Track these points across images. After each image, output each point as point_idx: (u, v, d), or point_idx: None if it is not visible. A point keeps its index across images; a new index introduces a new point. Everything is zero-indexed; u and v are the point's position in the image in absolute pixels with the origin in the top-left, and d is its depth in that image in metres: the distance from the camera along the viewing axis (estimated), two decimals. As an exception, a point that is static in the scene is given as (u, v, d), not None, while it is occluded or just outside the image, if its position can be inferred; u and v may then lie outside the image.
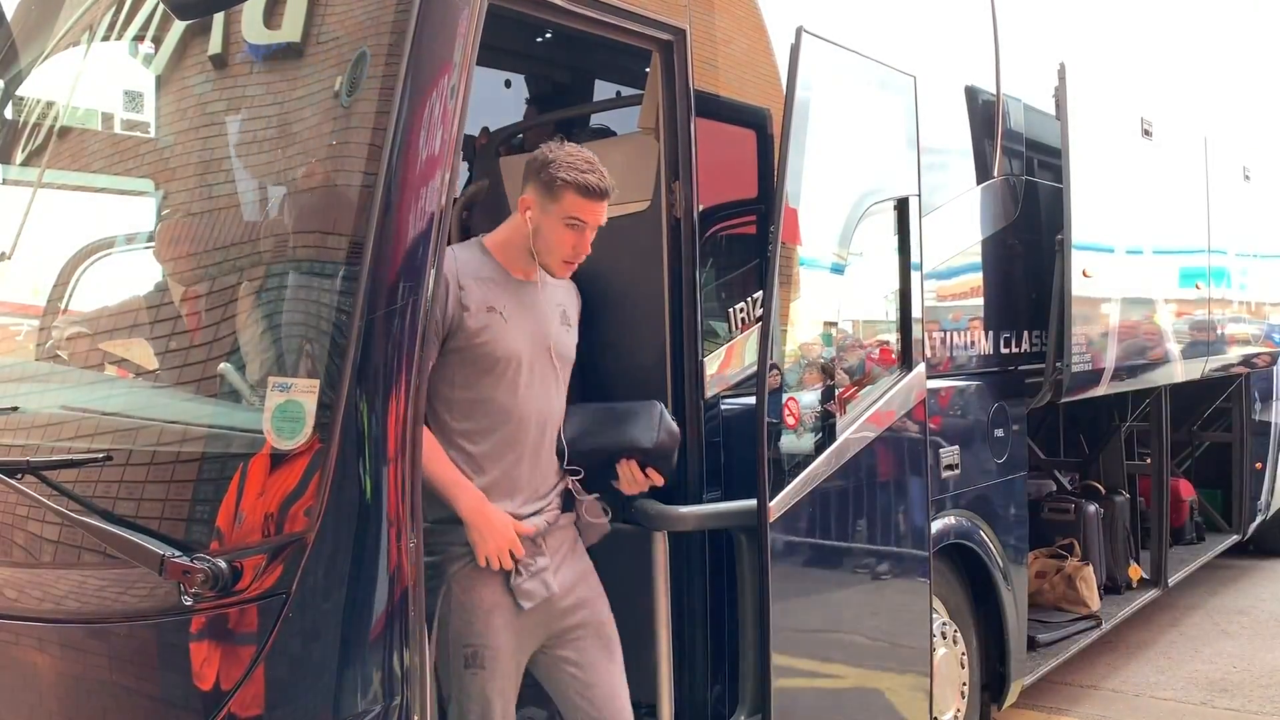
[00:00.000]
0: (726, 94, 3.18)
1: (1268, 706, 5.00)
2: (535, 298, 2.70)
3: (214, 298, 2.47)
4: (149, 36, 2.90)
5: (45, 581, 2.52)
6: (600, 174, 2.61)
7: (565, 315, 2.80)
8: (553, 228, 2.62)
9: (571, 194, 2.59)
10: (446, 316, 2.51)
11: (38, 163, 3.19)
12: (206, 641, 2.22)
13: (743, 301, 3.21)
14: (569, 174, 2.57)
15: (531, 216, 2.63)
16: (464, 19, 2.36)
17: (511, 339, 2.60)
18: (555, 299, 2.78)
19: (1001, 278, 4.51)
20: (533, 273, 2.71)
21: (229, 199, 2.59)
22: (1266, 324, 7.17)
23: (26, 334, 3.10)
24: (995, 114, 4.54)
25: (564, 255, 2.66)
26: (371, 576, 2.21)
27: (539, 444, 2.69)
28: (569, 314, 2.82)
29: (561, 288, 2.82)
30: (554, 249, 2.65)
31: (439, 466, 2.50)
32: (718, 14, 3.14)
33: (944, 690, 3.99)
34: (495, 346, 2.57)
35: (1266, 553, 7.87)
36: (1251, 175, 6.70)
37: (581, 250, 2.67)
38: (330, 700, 2.19)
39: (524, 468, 2.66)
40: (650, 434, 2.76)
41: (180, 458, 2.35)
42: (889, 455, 3.50)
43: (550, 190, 2.59)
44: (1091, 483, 6.11)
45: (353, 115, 2.35)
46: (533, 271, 2.71)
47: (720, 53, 3.14)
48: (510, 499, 2.62)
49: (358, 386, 2.18)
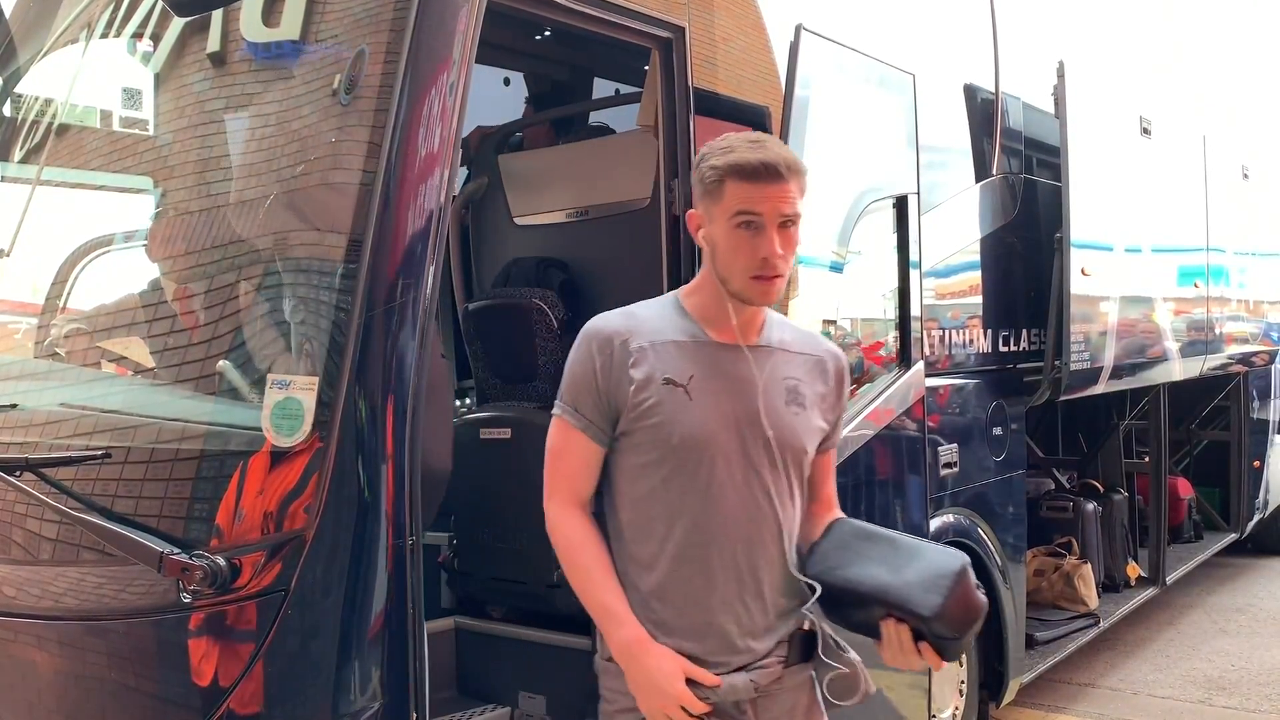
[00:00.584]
0: (726, 92, 3.18)
1: (1265, 705, 5.00)
2: (743, 367, 2.00)
3: (213, 295, 2.47)
4: (148, 34, 2.89)
5: (44, 579, 2.52)
6: (763, 148, 1.94)
7: (796, 393, 2.04)
8: (725, 235, 1.95)
9: (731, 182, 1.93)
10: (604, 390, 1.96)
11: (36, 160, 3.18)
12: (205, 638, 2.22)
13: (742, 299, 3.21)
14: (720, 158, 1.94)
15: (704, 234, 1.99)
16: (463, 16, 2.36)
17: (696, 420, 1.94)
18: (783, 371, 2.04)
19: (1000, 276, 4.51)
20: (747, 333, 2.03)
21: (227, 196, 2.59)
22: (1265, 322, 7.18)
23: (25, 331, 3.10)
24: (994, 112, 4.54)
25: (747, 268, 1.93)
26: (370, 574, 2.21)
27: (746, 567, 1.97)
28: (804, 392, 2.05)
29: (802, 360, 2.08)
30: (733, 263, 1.95)
31: (596, 588, 1.95)
32: (717, 11, 3.14)
33: (942, 688, 4.00)
34: (672, 429, 1.93)
35: (1264, 551, 7.88)
36: (1250, 174, 6.71)
37: (769, 255, 1.92)
38: (329, 697, 2.19)
39: (718, 599, 1.95)
40: (933, 598, 1.90)
41: (179, 455, 2.35)
42: (887, 453, 3.51)
43: (711, 190, 1.96)
44: (1090, 481, 6.12)
45: (352, 113, 2.35)
46: (747, 331, 2.03)
47: (719, 50, 3.14)
48: (697, 639, 1.95)
49: (357, 384, 2.18)
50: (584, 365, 1.98)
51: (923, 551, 2.01)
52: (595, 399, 1.96)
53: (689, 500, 1.94)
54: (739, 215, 1.93)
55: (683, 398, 1.94)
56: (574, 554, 1.98)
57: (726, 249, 1.95)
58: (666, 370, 1.95)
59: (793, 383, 2.04)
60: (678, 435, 1.93)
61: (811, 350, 2.11)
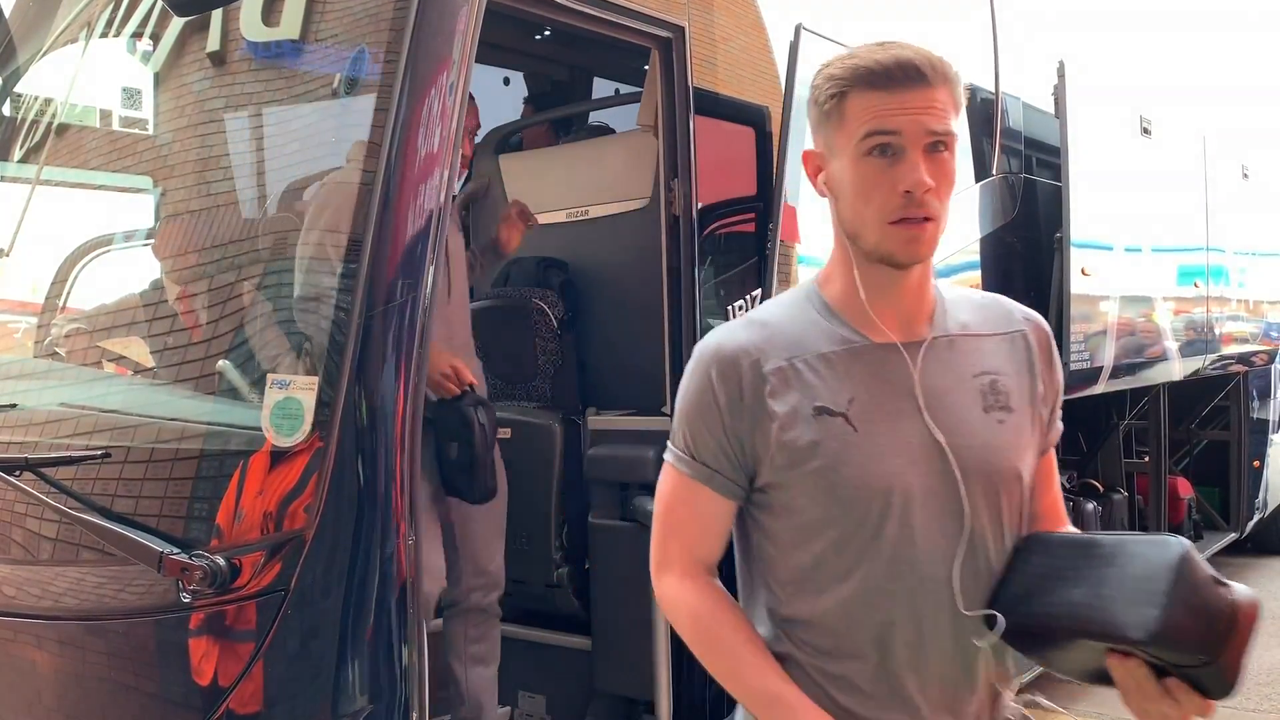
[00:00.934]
0: (726, 91, 3.18)
1: (1265, 704, 5.00)
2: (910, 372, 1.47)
3: (213, 295, 2.47)
4: (147, 33, 2.89)
5: (44, 578, 2.51)
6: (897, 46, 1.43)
7: (997, 392, 1.51)
8: (851, 169, 1.43)
9: (856, 95, 1.41)
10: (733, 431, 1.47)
11: (36, 160, 3.18)
12: (205, 638, 2.22)
13: (742, 299, 3.21)
14: (840, 65, 1.43)
15: (825, 179, 1.50)
16: (463, 16, 2.36)
17: (867, 459, 1.43)
18: (972, 367, 1.52)
19: (1000, 276, 4.51)
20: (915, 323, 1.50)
21: (227, 196, 2.59)
22: (1265, 322, 7.19)
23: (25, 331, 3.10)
24: (994, 112, 4.54)
25: (884, 210, 1.41)
26: (370, 574, 2.21)
27: (953, 647, 1.47)
28: (1008, 388, 1.53)
29: (995, 344, 1.55)
30: (863, 208, 1.43)
31: (752, 672, 1.48)
32: (717, 11, 3.14)
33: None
34: (836, 476, 1.43)
35: (1264, 551, 7.87)
36: (1250, 174, 6.71)
37: (914, 185, 1.38)
38: (328, 697, 2.19)
39: (914, 684, 1.47)
40: (1145, 613, 1.31)
41: (179, 455, 2.35)
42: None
43: (829, 113, 1.45)
44: (1089, 480, 6.11)
45: (351, 112, 2.35)
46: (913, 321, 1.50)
47: (719, 50, 3.14)
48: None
49: (357, 383, 2.18)
50: (702, 398, 1.49)
51: (1124, 549, 1.40)
52: (722, 443, 1.48)
53: (872, 569, 1.44)
54: (869, 138, 1.40)
55: (845, 431, 1.43)
56: (711, 633, 1.50)
57: (854, 188, 1.43)
58: (817, 396, 1.45)
59: (989, 379, 1.51)
60: (846, 483, 1.43)
61: (1003, 327, 1.57)
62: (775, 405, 1.45)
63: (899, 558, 1.44)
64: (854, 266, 1.48)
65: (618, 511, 3.11)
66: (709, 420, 1.49)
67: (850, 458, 1.43)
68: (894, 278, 1.47)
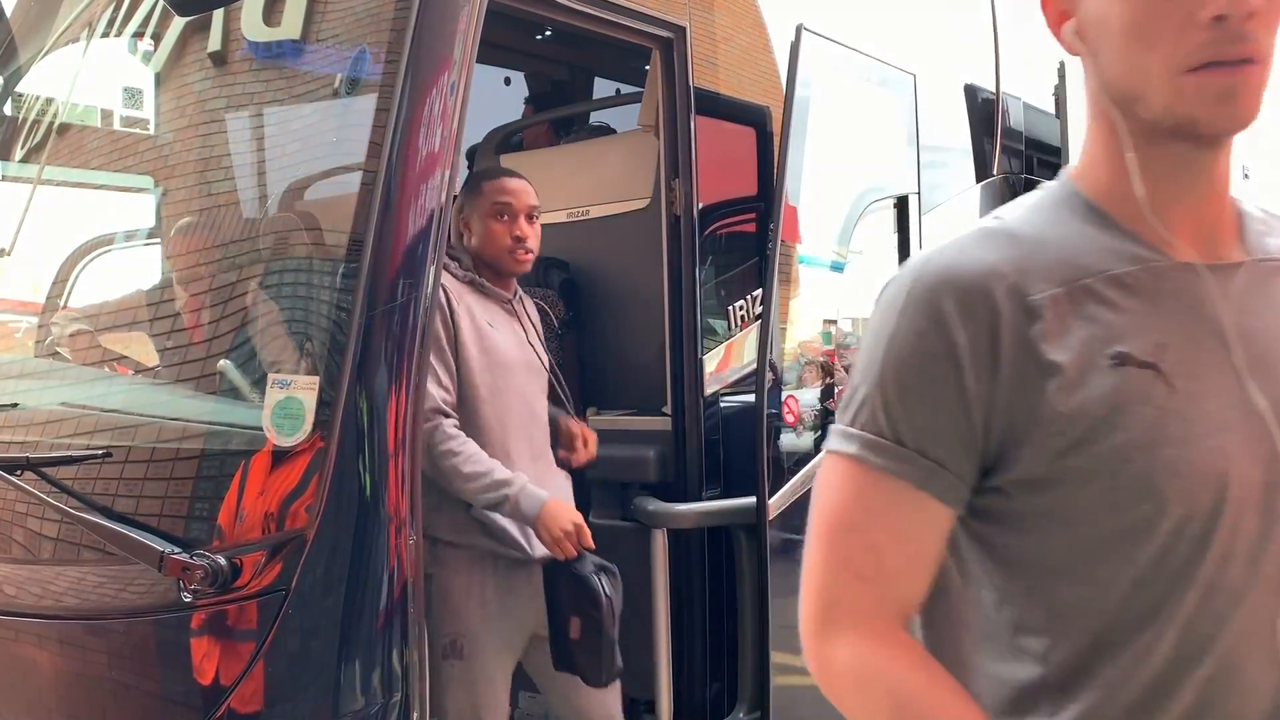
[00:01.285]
0: (726, 91, 3.18)
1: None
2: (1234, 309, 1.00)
3: (214, 295, 2.47)
4: (148, 33, 2.89)
5: (44, 578, 2.52)
6: None
7: None
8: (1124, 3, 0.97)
9: None
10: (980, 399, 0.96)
11: (37, 159, 3.19)
12: (206, 638, 2.22)
13: (742, 299, 3.21)
14: None
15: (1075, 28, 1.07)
16: (464, 16, 2.36)
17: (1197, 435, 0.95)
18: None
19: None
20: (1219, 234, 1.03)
21: (228, 196, 2.59)
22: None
23: (26, 330, 3.10)
24: (995, 112, 4.54)
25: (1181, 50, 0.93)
26: (371, 573, 2.21)
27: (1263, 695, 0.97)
28: None
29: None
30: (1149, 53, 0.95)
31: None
32: (717, 11, 3.14)
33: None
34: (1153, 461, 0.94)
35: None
36: (1250, 174, 6.70)
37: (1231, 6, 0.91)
38: (330, 697, 2.19)
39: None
40: None
41: (180, 454, 2.35)
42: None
43: None
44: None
45: (352, 112, 2.35)
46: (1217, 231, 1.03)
47: (720, 50, 3.14)
48: None
49: (358, 383, 2.18)
50: (924, 346, 0.98)
51: None
52: (957, 418, 0.97)
53: (1187, 598, 0.94)
54: None
55: (1159, 391, 0.94)
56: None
57: (1127, 26, 0.96)
58: (1118, 337, 0.96)
59: None
60: (1166, 470, 0.93)
61: None
62: (1053, 352, 0.94)
63: (1221, 587, 0.94)
64: (1126, 150, 0.98)
65: (618, 511, 3.11)
66: (937, 382, 0.97)
67: (1170, 432, 0.93)
68: (1192, 163, 0.99)
